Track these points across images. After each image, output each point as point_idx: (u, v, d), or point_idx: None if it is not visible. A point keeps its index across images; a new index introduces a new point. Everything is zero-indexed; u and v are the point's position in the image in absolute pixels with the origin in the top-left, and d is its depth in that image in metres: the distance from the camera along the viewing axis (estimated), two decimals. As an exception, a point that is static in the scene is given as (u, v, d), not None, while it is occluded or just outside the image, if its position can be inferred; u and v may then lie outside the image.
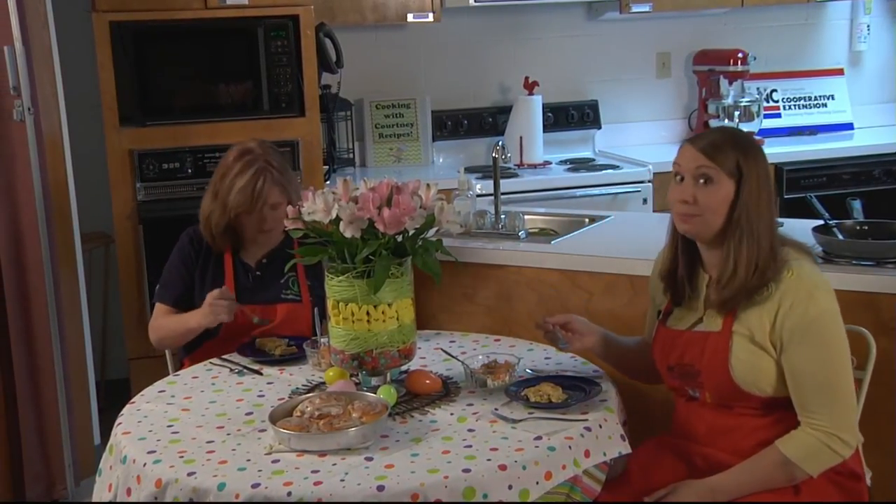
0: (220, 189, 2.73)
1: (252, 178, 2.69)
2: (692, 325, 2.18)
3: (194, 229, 2.83)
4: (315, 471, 1.89)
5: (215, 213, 2.74)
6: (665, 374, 2.24)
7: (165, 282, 2.82)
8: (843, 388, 2.04)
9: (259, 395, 2.34)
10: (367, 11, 4.23)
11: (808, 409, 2.03)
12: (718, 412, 2.15)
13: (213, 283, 2.76)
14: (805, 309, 2.02)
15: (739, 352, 2.07)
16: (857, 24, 5.06)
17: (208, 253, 2.81)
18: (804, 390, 2.03)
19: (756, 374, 2.07)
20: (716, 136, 2.12)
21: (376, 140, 4.60)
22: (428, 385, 2.26)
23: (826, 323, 2.03)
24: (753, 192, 2.05)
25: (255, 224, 2.73)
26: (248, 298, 2.75)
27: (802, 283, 2.04)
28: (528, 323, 2.88)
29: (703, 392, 2.16)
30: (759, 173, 2.07)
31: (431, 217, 2.25)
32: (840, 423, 2.02)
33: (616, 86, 4.84)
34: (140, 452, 2.02)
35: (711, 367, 2.11)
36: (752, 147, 2.10)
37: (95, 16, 3.67)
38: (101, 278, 4.38)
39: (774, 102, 4.95)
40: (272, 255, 2.81)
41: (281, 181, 2.73)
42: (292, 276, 2.78)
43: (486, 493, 1.85)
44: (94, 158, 3.92)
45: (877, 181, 4.46)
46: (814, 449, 2.02)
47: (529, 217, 3.27)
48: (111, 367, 4.48)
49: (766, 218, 2.07)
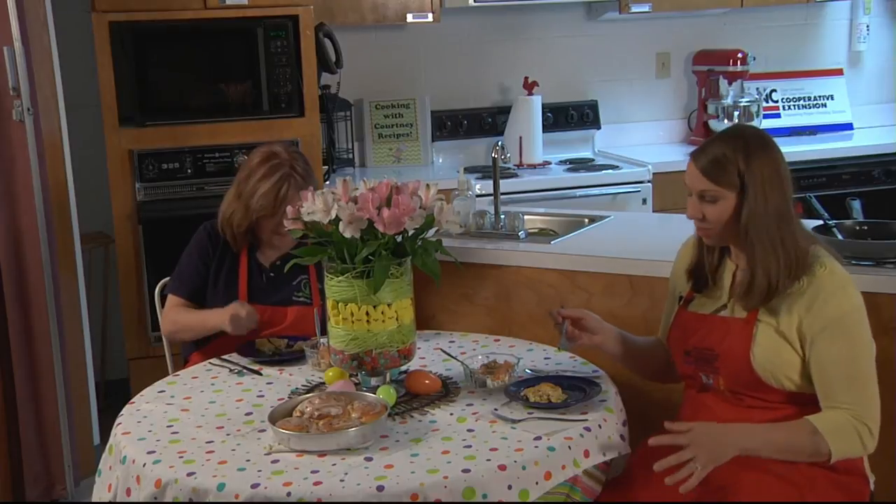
0: (244, 191, 2.74)
1: (276, 184, 2.70)
2: (716, 311, 2.19)
3: (212, 224, 2.84)
4: (315, 471, 1.89)
5: (237, 213, 2.75)
6: (680, 359, 2.23)
7: (181, 274, 2.82)
8: (870, 380, 2.04)
9: (259, 395, 2.34)
10: (367, 11, 4.23)
11: (836, 398, 2.02)
12: (729, 404, 2.14)
13: (227, 280, 2.77)
14: (838, 304, 2.04)
15: (763, 339, 2.08)
16: (856, 24, 5.06)
17: (225, 250, 2.81)
18: (832, 381, 2.03)
19: (777, 364, 2.07)
20: (716, 149, 2.10)
21: (376, 140, 4.60)
22: (427, 385, 2.26)
23: (857, 319, 2.05)
24: (759, 197, 2.05)
25: (273, 226, 2.73)
26: (260, 298, 2.76)
27: (836, 278, 2.06)
28: (527, 323, 2.89)
29: (717, 378, 2.15)
30: (765, 176, 2.06)
31: (431, 217, 2.25)
32: (868, 412, 2.02)
33: (616, 86, 4.85)
34: (140, 453, 2.02)
35: (731, 353, 2.10)
36: (756, 150, 2.08)
37: (95, 16, 3.67)
38: (101, 279, 4.38)
39: (774, 102, 4.95)
40: (286, 258, 2.81)
41: (304, 187, 2.71)
42: (304, 279, 2.79)
43: (486, 493, 1.85)
44: (94, 159, 3.92)
45: (876, 181, 4.46)
46: (843, 426, 2.00)
47: (529, 217, 3.27)
48: (111, 367, 4.48)
49: (780, 217, 2.06)
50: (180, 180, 3.80)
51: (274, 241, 2.79)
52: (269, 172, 2.72)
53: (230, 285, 2.77)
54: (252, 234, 2.80)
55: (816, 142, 4.73)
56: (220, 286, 2.77)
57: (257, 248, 2.83)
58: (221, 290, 2.77)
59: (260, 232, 2.79)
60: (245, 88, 3.87)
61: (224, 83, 3.85)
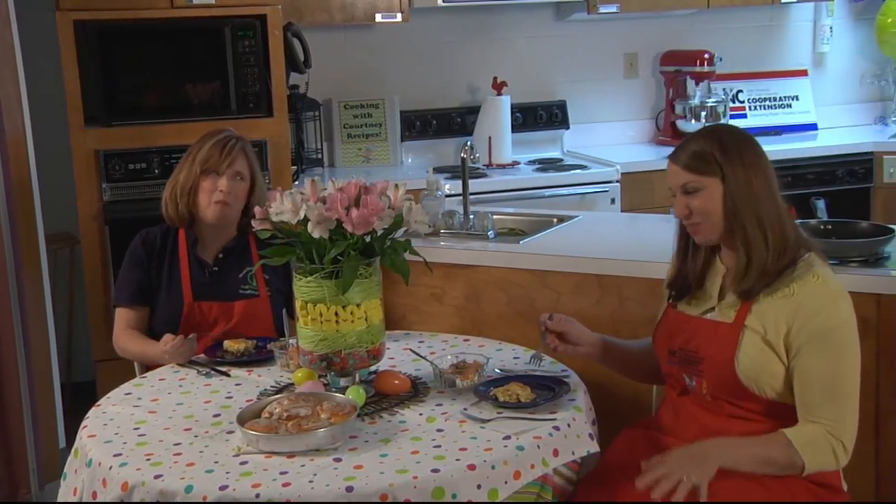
0: (191, 152, 2.80)
1: (223, 139, 2.78)
2: (703, 313, 2.19)
3: (147, 231, 2.85)
4: (283, 472, 1.88)
5: (183, 171, 2.77)
6: (665, 358, 2.23)
7: (119, 284, 2.84)
8: (851, 398, 2.04)
9: (227, 396, 2.33)
10: (336, 11, 4.22)
11: (814, 412, 2.02)
12: (709, 410, 2.15)
13: (171, 282, 2.76)
14: (828, 317, 2.03)
15: (748, 347, 2.07)
16: (819, 25, 5.12)
17: (162, 252, 2.80)
18: (812, 394, 2.03)
19: (761, 372, 2.07)
20: (693, 144, 2.13)
21: (345, 140, 4.59)
22: (397, 385, 2.26)
23: (845, 333, 2.04)
24: (741, 180, 2.07)
25: (209, 189, 2.73)
26: (205, 296, 2.75)
27: (828, 290, 2.05)
28: (497, 323, 2.90)
29: (700, 381, 2.15)
30: (745, 161, 2.09)
31: (400, 217, 2.25)
32: (844, 430, 2.02)
33: (584, 86, 4.87)
34: (106, 455, 2.00)
35: (716, 357, 2.10)
36: (731, 141, 2.11)
37: (59, 14, 3.63)
38: (67, 280, 4.34)
39: (740, 103, 5.00)
40: (228, 251, 2.81)
41: (250, 156, 2.82)
42: (249, 271, 2.78)
43: (456, 492, 1.85)
44: (60, 158, 3.88)
45: (840, 181, 4.51)
46: (816, 440, 2.01)
47: (498, 217, 3.28)
48: (77, 369, 4.43)
49: (764, 199, 2.08)
50: (147, 180, 3.76)
51: (210, 213, 2.73)
52: (217, 134, 2.81)
53: (174, 286, 2.76)
54: (192, 226, 2.80)
55: (782, 142, 4.78)
56: (165, 289, 2.76)
57: (198, 245, 2.82)
58: (166, 293, 2.76)
59: (196, 210, 2.76)
60: (213, 88, 3.84)
61: (191, 83, 3.83)
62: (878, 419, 2.50)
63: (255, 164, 2.83)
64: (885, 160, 4.53)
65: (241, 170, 2.77)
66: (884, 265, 2.55)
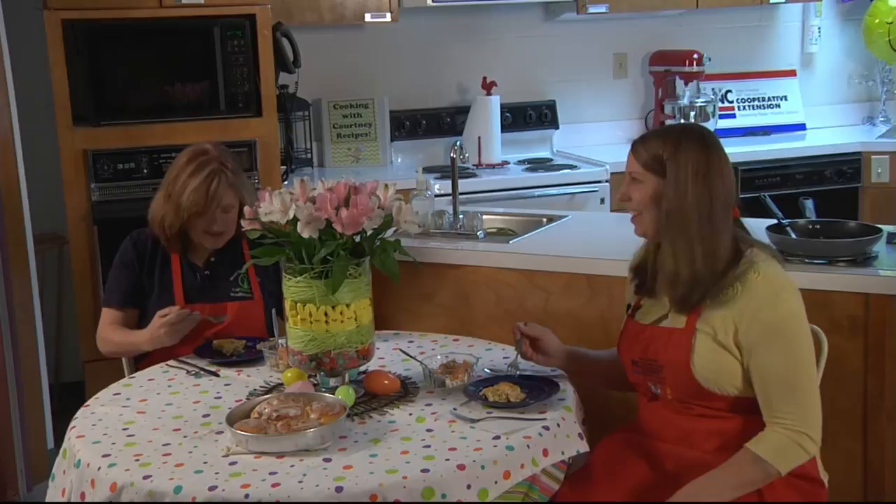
0: (173, 191, 2.70)
1: (206, 179, 2.67)
2: (657, 320, 2.20)
3: (138, 233, 2.81)
4: (273, 472, 1.88)
5: (168, 215, 2.70)
6: (629, 368, 2.25)
7: (109, 286, 2.81)
8: (809, 388, 2.05)
9: (216, 396, 2.32)
10: (325, 11, 4.22)
11: (776, 409, 2.03)
12: (679, 412, 2.16)
13: (162, 285, 2.75)
14: (772, 311, 2.03)
15: (702, 349, 2.08)
16: (808, 26, 5.14)
17: (153, 255, 2.78)
18: (771, 391, 2.04)
19: (718, 372, 2.08)
20: (651, 137, 2.17)
21: (334, 140, 4.58)
22: (386, 385, 2.26)
23: (792, 324, 2.05)
24: (681, 187, 2.07)
25: (204, 225, 2.70)
26: (197, 298, 2.74)
27: (769, 284, 2.05)
28: (486, 323, 2.90)
29: (664, 388, 2.17)
30: (691, 167, 2.07)
31: (389, 217, 2.25)
32: (807, 422, 2.03)
33: (573, 86, 4.87)
34: (94, 456, 1.99)
35: (673, 363, 2.12)
36: (688, 144, 2.10)
37: (47, 14, 3.61)
38: (55, 280, 4.32)
39: (729, 103, 5.01)
40: (220, 253, 2.79)
41: (235, 184, 2.72)
42: (242, 274, 2.77)
43: (445, 492, 1.85)
44: (48, 158, 3.87)
45: (828, 181, 4.53)
46: (783, 446, 2.01)
47: (488, 217, 3.28)
48: (65, 369, 4.42)
49: (699, 214, 2.06)
50: (136, 180, 3.75)
51: (206, 241, 2.74)
52: (198, 169, 2.68)
53: (165, 290, 2.74)
54: (185, 237, 2.76)
55: (770, 142, 4.80)
56: (155, 292, 2.74)
57: (189, 249, 2.80)
58: (157, 296, 2.74)
59: (192, 233, 2.74)
60: (202, 88, 3.83)
61: (180, 83, 3.81)
62: (865, 418, 2.51)
63: (241, 185, 2.73)
64: (872, 160, 4.55)
65: (229, 202, 2.70)
66: (872, 265, 2.56)
